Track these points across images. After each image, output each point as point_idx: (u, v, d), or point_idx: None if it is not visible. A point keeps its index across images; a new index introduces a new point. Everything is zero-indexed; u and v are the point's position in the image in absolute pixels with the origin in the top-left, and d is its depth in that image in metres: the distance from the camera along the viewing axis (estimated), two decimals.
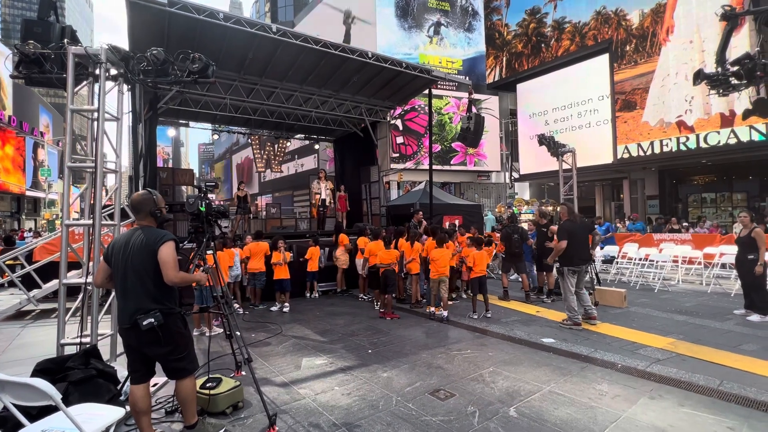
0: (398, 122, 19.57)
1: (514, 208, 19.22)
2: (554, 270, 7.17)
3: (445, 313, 5.94)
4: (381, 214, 11.78)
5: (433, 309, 6.35)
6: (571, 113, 18.96)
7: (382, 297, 6.30)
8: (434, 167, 16.04)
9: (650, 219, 16.06)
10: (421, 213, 8.60)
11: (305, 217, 17.30)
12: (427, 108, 17.35)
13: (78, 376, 3.15)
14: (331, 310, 6.93)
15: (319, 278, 7.88)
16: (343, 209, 11.50)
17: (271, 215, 12.82)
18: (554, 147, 12.36)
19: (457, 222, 10.48)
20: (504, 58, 22.17)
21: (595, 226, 11.29)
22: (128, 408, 2.93)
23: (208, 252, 3.57)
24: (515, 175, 22.21)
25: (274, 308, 6.94)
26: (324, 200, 10.47)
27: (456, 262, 7.38)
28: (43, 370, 3.24)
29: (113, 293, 3.73)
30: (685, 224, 11.59)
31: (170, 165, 36.70)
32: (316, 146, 15.22)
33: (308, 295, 7.72)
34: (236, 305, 6.74)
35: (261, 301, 7.19)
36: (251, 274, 7.10)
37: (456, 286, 7.88)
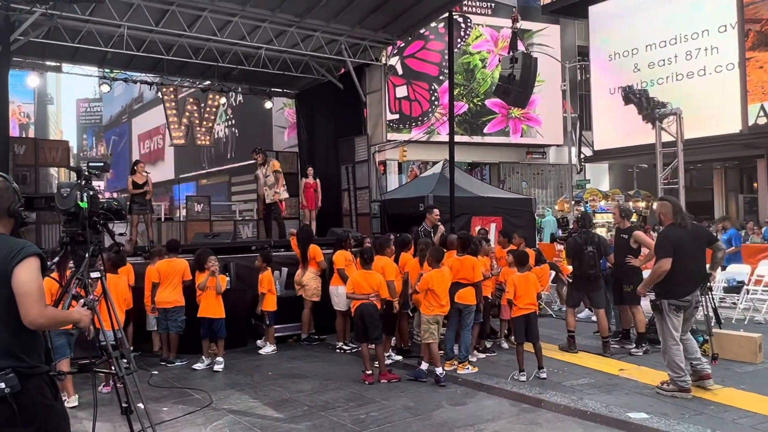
0: (397, 62, 19.64)
1: (585, 203, 19.36)
2: (642, 302, 7.23)
3: (440, 370, 6.07)
4: (372, 213, 11.84)
5: (460, 368, 6.41)
6: (676, 53, 19.15)
7: (365, 348, 6.34)
8: (458, 138, 16.06)
9: None
10: (437, 212, 8.63)
11: (250, 218, 17.30)
12: (441, 34, 17.38)
13: None
14: (293, 368, 6.93)
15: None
16: (311, 205, 11.53)
17: (194, 215, 12.82)
18: (648, 107, 12.45)
19: (493, 226, 10.52)
20: None
21: (720, 235, 11.35)
22: None
23: (93, 274, 3.56)
24: (587, 151, 22.38)
25: (199, 365, 6.94)
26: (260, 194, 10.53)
27: (492, 291, 7.42)
28: None
29: None
30: None
31: (31, 134, 36.48)
32: (268, 104, 15.22)
33: (260, 347, 7.73)
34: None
35: (178, 355, 7.18)
36: (162, 312, 7.09)
37: (492, 329, 7.92)
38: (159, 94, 13.84)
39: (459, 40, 21.05)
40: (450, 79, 10.43)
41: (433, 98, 20.53)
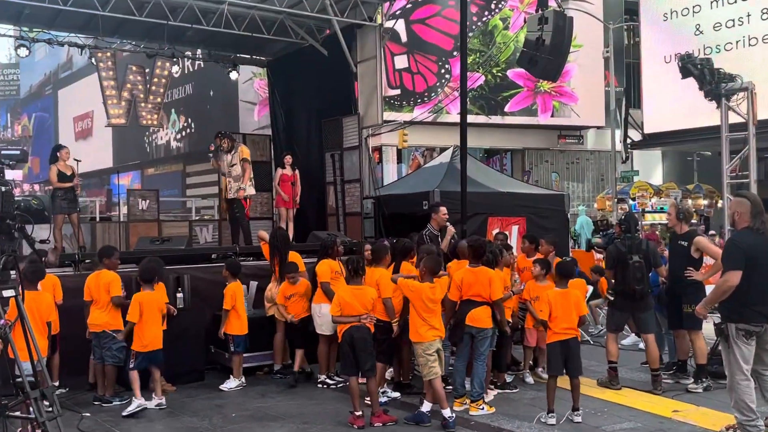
0: (400, 26, 19.63)
1: (631, 200, 19.40)
2: (704, 326, 7.24)
3: (448, 413, 6.07)
4: (365, 212, 11.84)
5: (473, 408, 6.43)
6: (749, 11, 19.18)
7: (354, 382, 6.34)
8: (472, 118, 16.03)
9: None
10: (444, 210, 8.64)
11: (210, 218, 17.22)
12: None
13: None
14: (263, 408, 6.93)
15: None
16: (288, 203, 11.52)
17: (138, 214, 12.78)
18: (713, 80, 12.49)
19: (515, 230, 10.53)
20: None
21: None
22: None
23: (6, 292, 3.55)
24: (635, 135, 22.47)
25: (148, 405, 6.90)
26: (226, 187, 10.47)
27: (515, 310, 7.44)
28: None
29: None
30: None
31: None
32: (233, 75, 15.17)
33: (225, 385, 7.71)
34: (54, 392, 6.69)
35: (115, 392, 7.17)
36: (94, 337, 7.09)
37: (513, 360, 7.94)
38: (92, 60, 13.75)
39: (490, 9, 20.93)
40: (462, 41, 10.41)
41: (443, 71, 20.52)
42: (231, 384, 7.66)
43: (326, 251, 7.94)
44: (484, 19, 21.11)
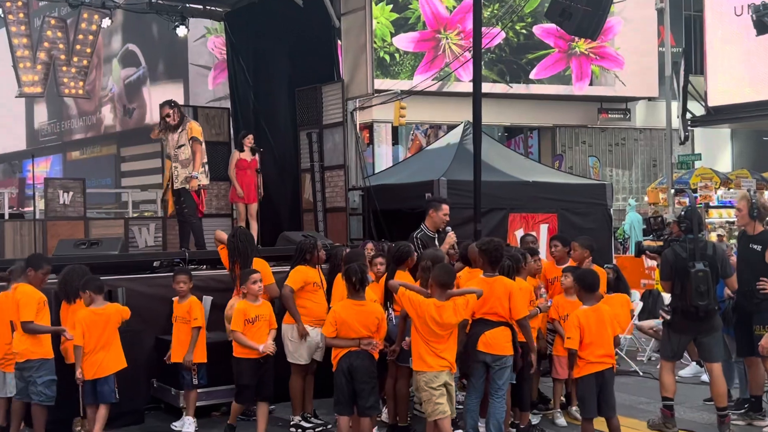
0: None
1: (691, 192, 19.43)
2: None
3: None
4: (351, 207, 11.85)
5: None
6: None
7: (344, 423, 6.37)
8: (488, 87, 15.99)
9: None
10: (446, 209, 8.62)
11: (152, 215, 17.12)
12: None
13: None
14: None
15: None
16: (249, 196, 11.50)
17: (58, 211, 12.77)
18: None
19: (543, 229, 10.55)
20: None
21: None
22: None
23: None
24: (696, 109, 22.54)
25: None
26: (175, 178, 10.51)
27: (540, 329, 7.47)
28: None
29: None
30: None
31: None
32: (181, 31, 15.15)
33: (179, 425, 7.76)
34: None
35: None
36: (15, 368, 7.06)
37: (540, 396, 7.98)
38: None
39: None
40: None
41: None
42: (184, 426, 7.63)
43: (303, 256, 7.85)
44: None
